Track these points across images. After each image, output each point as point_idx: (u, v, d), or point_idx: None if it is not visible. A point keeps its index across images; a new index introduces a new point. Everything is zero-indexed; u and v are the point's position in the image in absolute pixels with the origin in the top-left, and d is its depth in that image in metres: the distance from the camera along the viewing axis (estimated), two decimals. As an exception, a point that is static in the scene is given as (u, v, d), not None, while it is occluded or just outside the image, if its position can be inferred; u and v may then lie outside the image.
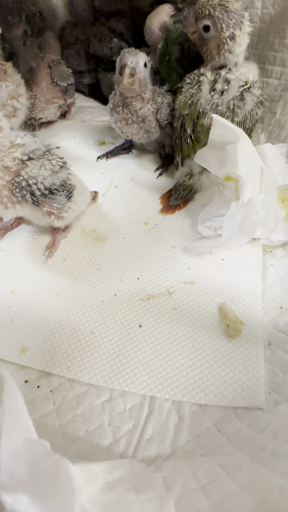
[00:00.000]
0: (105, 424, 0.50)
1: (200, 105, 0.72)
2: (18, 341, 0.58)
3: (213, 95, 0.71)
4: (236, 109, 0.71)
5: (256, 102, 0.73)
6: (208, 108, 0.72)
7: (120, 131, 0.85)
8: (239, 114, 0.72)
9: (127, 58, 0.70)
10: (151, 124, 0.82)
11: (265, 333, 0.59)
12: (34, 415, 0.50)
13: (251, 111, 0.73)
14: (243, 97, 0.71)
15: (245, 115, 0.73)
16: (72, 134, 1.05)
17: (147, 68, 0.73)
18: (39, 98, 0.99)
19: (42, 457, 0.32)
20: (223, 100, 0.71)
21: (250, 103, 0.72)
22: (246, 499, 0.34)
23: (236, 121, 0.72)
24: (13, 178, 0.59)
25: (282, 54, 0.85)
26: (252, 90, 0.72)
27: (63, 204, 0.65)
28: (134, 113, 0.80)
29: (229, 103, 0.71)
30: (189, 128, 0.75)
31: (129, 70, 0.70)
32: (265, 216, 0.65)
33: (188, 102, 0.73)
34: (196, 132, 0.75)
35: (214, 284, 0.66)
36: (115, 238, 0.74)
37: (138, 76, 0.72)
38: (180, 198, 0.82)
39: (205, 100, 0.72)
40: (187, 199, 0.82)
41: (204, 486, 0.36)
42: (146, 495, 0.34)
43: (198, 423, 0.49)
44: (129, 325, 0.60)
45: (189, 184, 0.82)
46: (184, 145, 0.77)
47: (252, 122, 0.75)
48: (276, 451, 0.39)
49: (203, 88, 0.72)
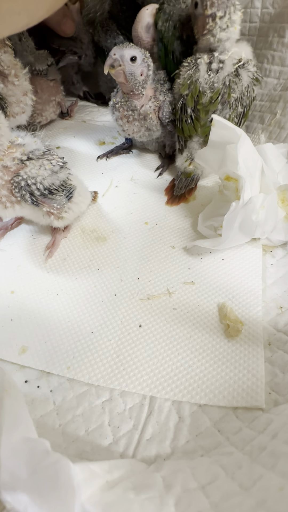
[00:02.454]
0: (105, 424, 0.50)
1: (200, 83, 0.74)
2: (18, 341, 0.58)
3: (210, 74, 0.73)
4: (232, 84, 0.73)
5: (252, 79, 0.74)
6: (207, 87, 0.73)
7: (121, 129, 0.85)
8: (236, 90, 0.73)
9: (113, 50, 0.71)
10: (152, 122, 0.82)
11: (265, 333, 0.59)
12: (34, 415, 0.50)
13: (247, 87, 0.74)
14: (238, 73, 0.73)
15: (242, 91, 0.74)
16: (72, 134, 1.05)
17: (136, 64, 0.72)
18: (36, 100, 0.97)
19: (42, 456, 0.32)
20: (219, 78, 0.73)
21: (246, 79, 0.74)
22: (246, 499, 0.34)
23: (233, 97, 0.74)
24: (12, 178, 0.59)
25: (281, 54, 0.85)
26: (246, 67, 0.73)
27: (63, 205, 0.65)
28: (134, 110, 0.80)
29: (225, 79, 0.73)
30: (190, 108, 0.76)
31: (110, 61, 0.70)
32: (265, 216, 0.65)
33: (188, 82, 0.75)
34: (196, 111, 0.76)
35: (214, 284, 0.66)
36: (115, 238, 0.74)
37: (123, 69, 0.72)
38: (184, 188, 0.82)
39: (204, 79, 0.74)
40: (191, 187, 0.83)
41: (204, 486, 0.36)
42: (146, 495, 0.34)
43: (198, 423, 0.49)
44: (129, 325, 0.60)
45: (190, 170, 0.82)
46: (185, 126, 0.79)
47: (249, 99, 0.76)
48: (276, 451, 0.39)
49: (201, 68, 0.73)
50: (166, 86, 0.83)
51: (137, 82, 0.75)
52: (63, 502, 0.29)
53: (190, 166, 0.82)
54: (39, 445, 0.33)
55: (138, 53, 0.72)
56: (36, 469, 0.31)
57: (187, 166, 0.82)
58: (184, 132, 0.80)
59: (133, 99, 0.79)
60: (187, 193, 0.82)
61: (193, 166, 0.82)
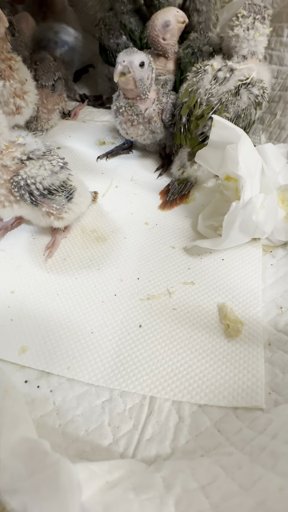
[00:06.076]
0: (105, 424, 0.50)
1: (199, 94, 0.74)
2: (18, 341, 0.58)
3: (213, 84, 0.73)
4: (227, 103, 0.72)
5: (252, 101, 0.72)
6: (204, 98, 0.73)
7: (124, 132, 0.85)
8: (230, 110, 0.72)
9: (121, 56, 0.70)
10: (156, 124, 0.82)
11: (265, 333, 0.59)
12: (34, 415, 0.50)
13: (245, 110, 0.73)
14: (239, 92, 0.72)
15: (238, 112, 0.73)
16: (72, 134, 1.05)
17: (144, 69, 0.72)
18: (42, 110, 0.99)
19: (42, 457, 0.32)
20: (218, 91, 0.72)
21: (246, 101, 0.72)
22: (246, 499, 0.34)
23: (225, 116, 0.72)
24: (12, 177, 0.59)
25: (279, 53, 0.85)
26: (250, 88, 0.72)
27: (63, 205, 0.65)
28: (139, 114, 0.80)
29: (222, 96, 0.72)
30: (184, 116, 0.76)
31: (120, 68, 0.70)
32: (265, 216, 0.65)
33: (189, 90, 0.75)
34: (189, 122, 0.76)
35: (214, 284, 0.66)
36: (115, 238, 0.74)
37: (132, 76, 0.71)
38: (176, 193, 0.82)
39: (204, 90, 0.73)
40: (183, 194, 0.83)
41: (204, 486, 0.36)
42: (146, 495, 0.34)
43: (198, 423, 0.49)
44: (129, 325, 0.60)
45: (184, 177, 0.83)
46: (178, 133, 0.79)
47: (246, 122, 0.75)
48: (276, 451, 0.38)
49: (205, 77, 0.73)
50: (168, 87, 0.83)
51: (146, 86, 0.75)
52: (63, 503, 0.29)
53: (183, 174, 0.82)
54: (39, 445, 0.33)
55: (144, 57, 0.72)
56: (36, 470, 0.31)
57: (180, 174, 0.82)
58: (176, 139, 0.81)
59: (138, 103, 0.79)
60: (178, 199, 0.82)
61: (186, 174, 0.82)
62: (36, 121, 0.99)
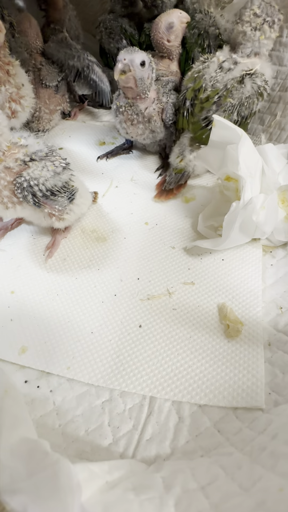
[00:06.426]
0: (105, 424, 0.50)
1: (204, 80, 0.75)
2: (18, 341, 0.58)
3: (218, 72, 0.74)
4: (232, 89, 0.73)
5: (255, 91, 0.74)
6: (210, 84, 0.74)
7: (124, 131, 0.85)
8: (234, 96, 0.74)
9: (122, 54, 0.70)
10: (156, 124, 0.82)
11: (265, 333, 0.59)
12: (34, 415, 0.50)
13: (248, 98, 0.74)
14: (243, 81, 0.73)
15: (242, 100, 0.74)
16: (72, 134, 1.05)
17: (145, 68, 0.72)
18: (44, 110, 0.99)
19: (42, 457, 0.32)
20: (223, 78, 0.74)
21: (249, 89, 0.74)
22: (245, 499, 0.34)
23: (229, 102, 0.74)
24: (15, 179, 0.59)
25: (278, 53, 0.85)
26: (254, 78, 0.73)
27: (65, 206, 0.65)
28: (139, 113, 0.80)
29: (228, 82, 0.74)
30: (189, 100, 0.77)
31: (121, 66, 0.70)
32: (265, 217, 0.65)
33: (195, 76, 0.76)
34: (193, 105, 0.77)
35: (214, 284, 0.66)
36: (115, 238, 0.74)
37: (133, 75, 0.71)
38: (174, 183, 0.82)
39: (209, 76, 0.75)
40: (180, 184, 0.83)
41: (204, 486, 0.36)
42: (146, 495, 0.34)
43: (198, 424, 0.49)
44: (129, 325, 0.60)
45: (181, 167, 0.83)
46: (180, 118, 0.80)
47: (248, 111, 0.76)
48: (275, 451, 0.38)
49: (211, 65, 0.75)
50: (168, 86, 0.83)
51: (146, 86, 0.75)
52: (63, 503, 0.29)
53: (181, 162, 0.82)
54: (39, 445, 0.33)
55: (145, 57, 0.72)
56: (35, 470, 0.31)
57: (178, 162, 0.82)
58: (178, 124, 0.82)
59: (138, 103, 0.79)
60: (175, 189, 0.82)
61: (184, 163, 0.82)
62: (37, 121, 1.00)
